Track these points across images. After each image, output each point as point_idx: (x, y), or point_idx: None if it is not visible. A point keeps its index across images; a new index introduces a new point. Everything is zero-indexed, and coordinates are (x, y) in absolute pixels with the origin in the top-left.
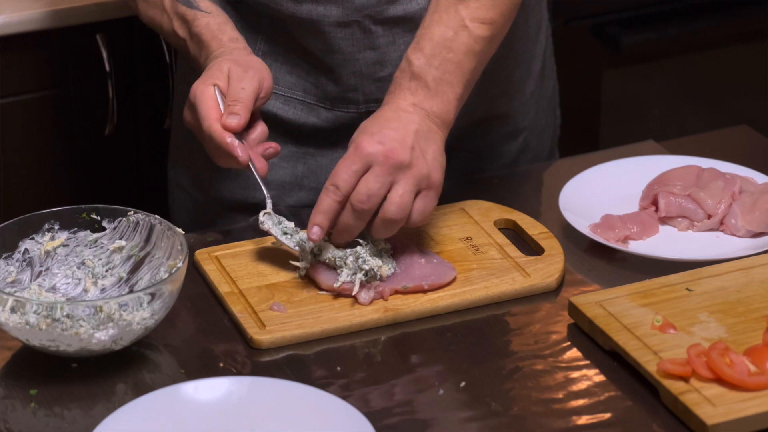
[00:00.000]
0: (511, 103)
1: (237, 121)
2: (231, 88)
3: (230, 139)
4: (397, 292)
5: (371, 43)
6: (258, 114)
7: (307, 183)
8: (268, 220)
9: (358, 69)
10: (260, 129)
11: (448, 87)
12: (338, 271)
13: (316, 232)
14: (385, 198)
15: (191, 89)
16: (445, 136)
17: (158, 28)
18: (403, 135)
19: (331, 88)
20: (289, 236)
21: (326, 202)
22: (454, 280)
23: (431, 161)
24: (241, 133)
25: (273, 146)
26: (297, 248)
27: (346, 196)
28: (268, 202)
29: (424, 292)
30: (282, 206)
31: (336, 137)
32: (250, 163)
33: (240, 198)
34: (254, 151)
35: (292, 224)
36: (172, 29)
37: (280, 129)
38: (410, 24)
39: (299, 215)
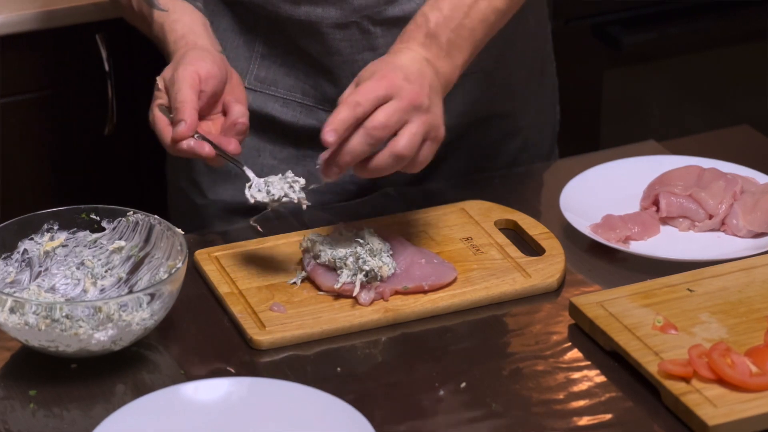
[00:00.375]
0: (512, 101)
1: (183, 127)
2: (170, 98)
3: (186, 145)
4: (397, 292)
5: (370, 44)
6: (232, 96)
7: (307, 185)
8: (254, 190)
9: (357, 70)
10: (236, 110)
11: (457, 51)
12: (338, 272)
13: (331, 135)
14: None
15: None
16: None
17: (142, 31)
18: (421, 81)
19: (330, 89)
20: (279, 194)
21: (345, 113)
22: (454, 280)
23: (440, 115)
24: (213, 122)
25: (240, 122)
26: (293, 195)
27: (364, 116)
28: (249, 172)
29: (425, 292)
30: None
31: None
32: (219, 152)
33: (241, 201)
34: (224, 137)
35: (277, 177)
36: (148, 31)
37: (279, 131)
38: None
39: (300, 216)
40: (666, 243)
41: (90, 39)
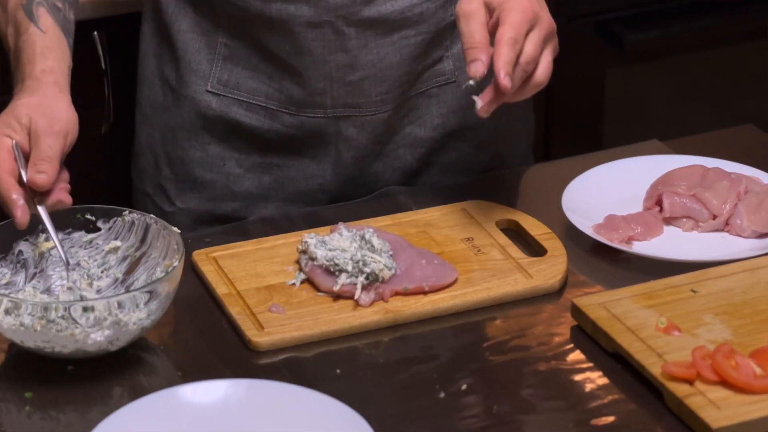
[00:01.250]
0: None
1: (45, 179)
2: (39, 143)
3: (15, 197)
4: (397, 293)
5: (343, 46)
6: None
7: (275, 194)
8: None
9: (328, 72)
10: (63, 176)
11: None
12: (336, 273)
13: (508, 80)
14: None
15: None
16: None
17: None
18: (542, 2)
19: (296, 92)
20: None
21: (510, 53)
22: (455, 281)
23: None
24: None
25: (62, 199)
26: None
27: (520, 51)
28: (63, 254)
29: (425, 293)
30: (252, 218)
31: (300, 145)
32: (45, 219)
33: (207, 209)
34: (43, 207)
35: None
36: (5, 32)
37: (243, 137)
38: (384, 27)
39: (277, 225)
40: (669, 243)
41: (87, 37)
